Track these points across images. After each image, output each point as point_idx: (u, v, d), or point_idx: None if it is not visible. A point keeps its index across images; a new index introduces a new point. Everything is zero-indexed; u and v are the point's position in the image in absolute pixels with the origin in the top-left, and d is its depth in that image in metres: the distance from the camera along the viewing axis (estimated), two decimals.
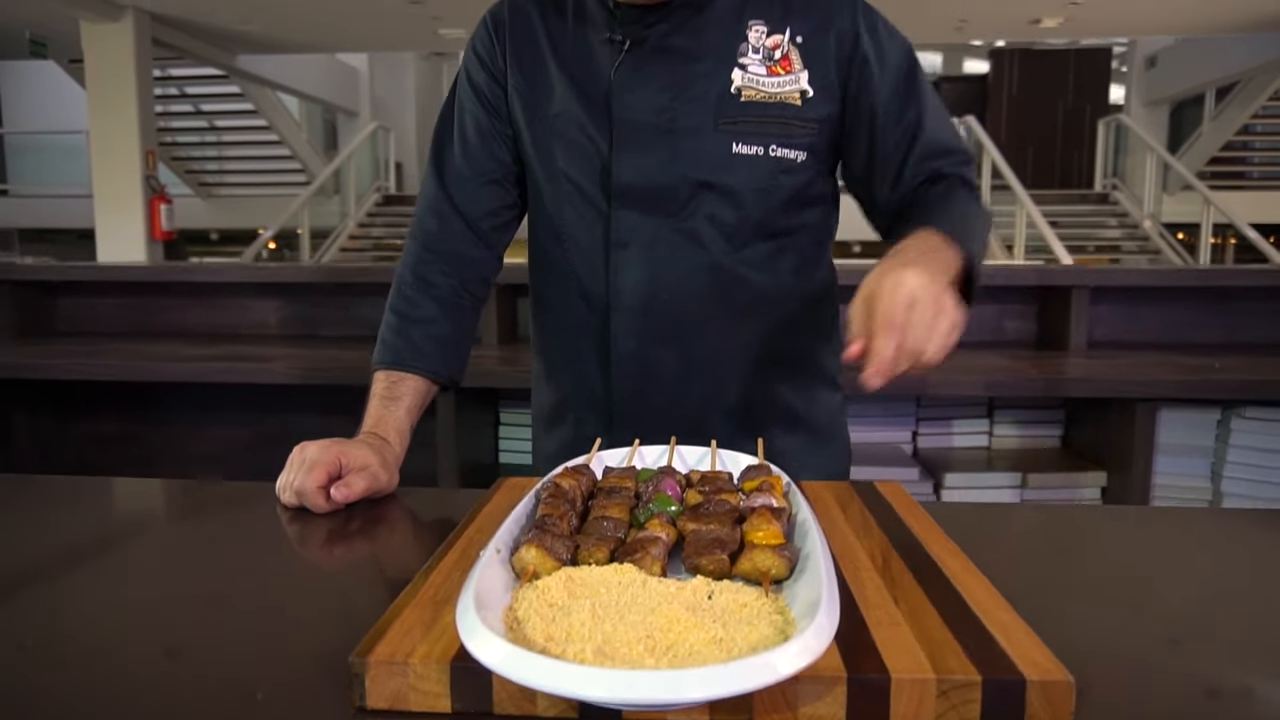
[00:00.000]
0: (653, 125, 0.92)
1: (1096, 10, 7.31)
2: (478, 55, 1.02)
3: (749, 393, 0.98)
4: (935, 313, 0.69)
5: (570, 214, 0.98)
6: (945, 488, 1.78)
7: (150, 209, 7.60)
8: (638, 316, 0.96)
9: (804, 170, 0.93)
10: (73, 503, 0.89)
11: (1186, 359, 1.81)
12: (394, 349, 0.97)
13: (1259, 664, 0.53)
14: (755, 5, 0.93)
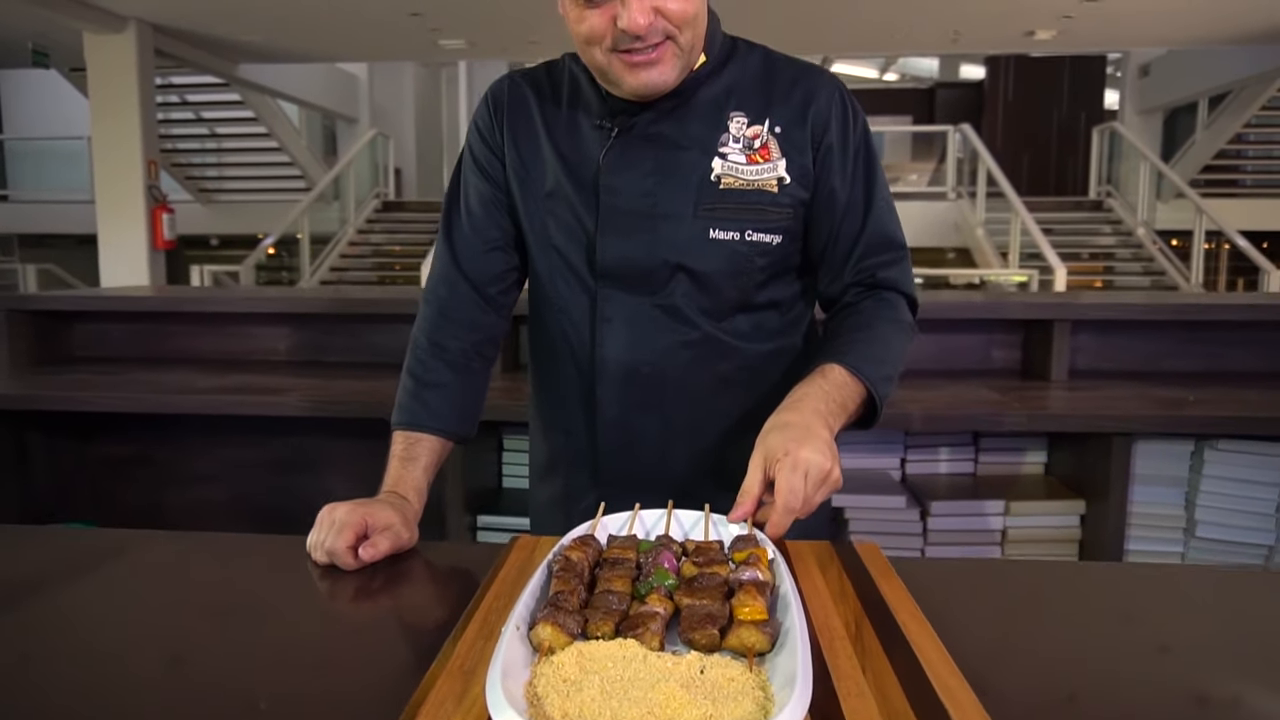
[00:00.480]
0: (635, 210, 0.99)
1: (1089, 24, 7.39)
2: (479, 131, 1.09)
3: (729, 454, 1.04)
4: (819, 483, 0.82)
5: (561, 286, 1.06)
6: (931, 515, 1.86)
7: (152, 218, 7.67)
8: (622, 386, 1.03)
9: (778, 250, 1.01)
10: (116, 554, 0.96)
11: (1162, 391, 1.89)
12: (410, 411, 1.04)
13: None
14: (738, 96, 1.00)
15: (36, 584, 0.87)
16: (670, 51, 0.93)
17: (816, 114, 1.00)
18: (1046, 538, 1.86)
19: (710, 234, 0.99)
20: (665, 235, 0.99)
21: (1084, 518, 1.84)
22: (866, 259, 1.03)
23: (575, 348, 1.06)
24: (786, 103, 1.00)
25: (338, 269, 10.23)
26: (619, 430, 1.05)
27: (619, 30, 0.89)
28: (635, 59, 0.92)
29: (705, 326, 1.02)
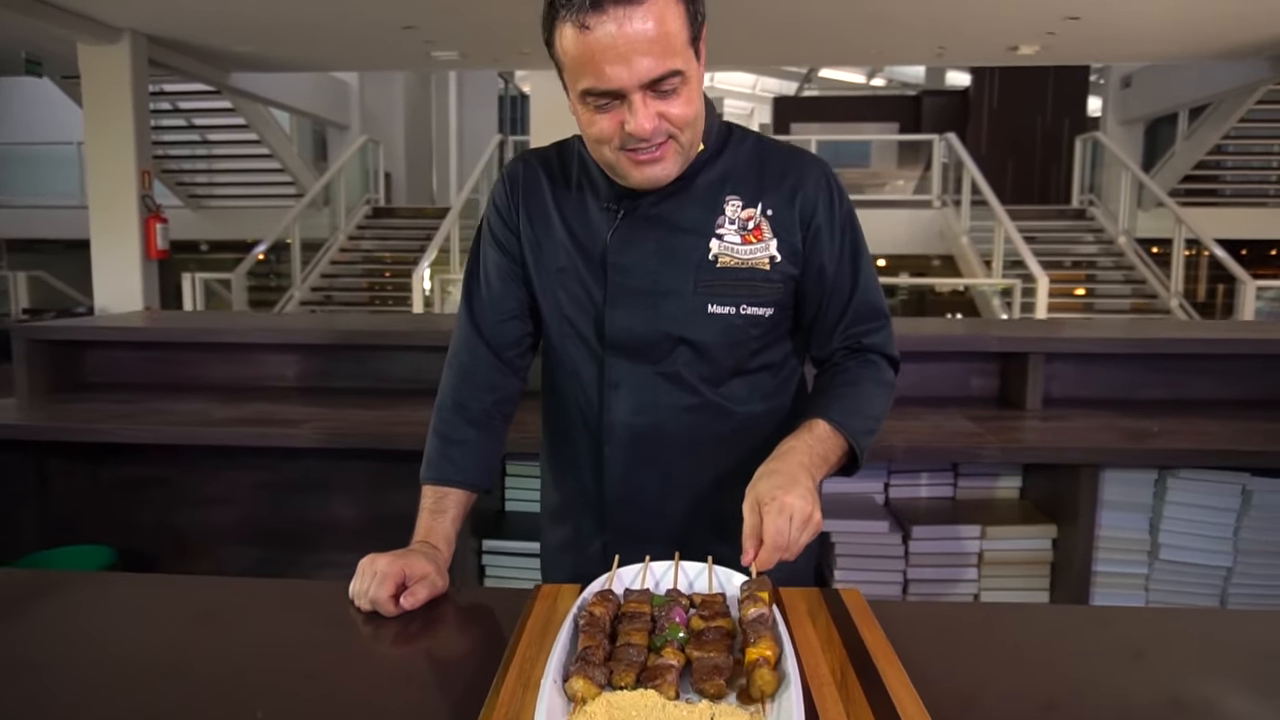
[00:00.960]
0: (640, 287, 1.09)
1: (1072, 40, 7.55)
2: (496, 208, 1.19)
3: (726, 507, 1.13)
4: (802, 527, 0.94)
5: (573, 352, 1.16)
6: (913, 539, 1.97)
7: (145, 228, 7.72)
8: (627, 445, 1.14)
9: (770, 321, 1.12)
10: (162, 599, 1.06)
11: (1129, 421, 2.01)
12: (438, 467, 1.15)
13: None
14: (733, 182, 1.10)
15: (80, 628, 0.97)
16: (672, 149, 1.03)
17: (805, 199, 1.10)
18: (1020, 559, 1.98)
19: (709, 309, 1.09)
20: (667, 310, 1.09)
21: (1055, 541, 1.96)
22: (854, 327, 1.15)
23: (585, 410, 1.16)
24: (778, 188, 1.10)
25: (328, 275, 10.29)
26: (624, 485, 1.15)
27: (626, 133, 0.99)
28: (640, 157, 1.01)
29: (704, 392, 1.12)
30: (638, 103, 0.97)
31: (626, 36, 0.94)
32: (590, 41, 0.94)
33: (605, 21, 0.93)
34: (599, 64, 0.95)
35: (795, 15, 6.98)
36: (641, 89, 0.97)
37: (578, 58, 0.96)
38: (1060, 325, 2.62)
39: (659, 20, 0.95)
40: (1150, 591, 1.95)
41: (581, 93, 0.99)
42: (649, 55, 0.95)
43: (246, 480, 2.44)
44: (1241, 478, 1.88)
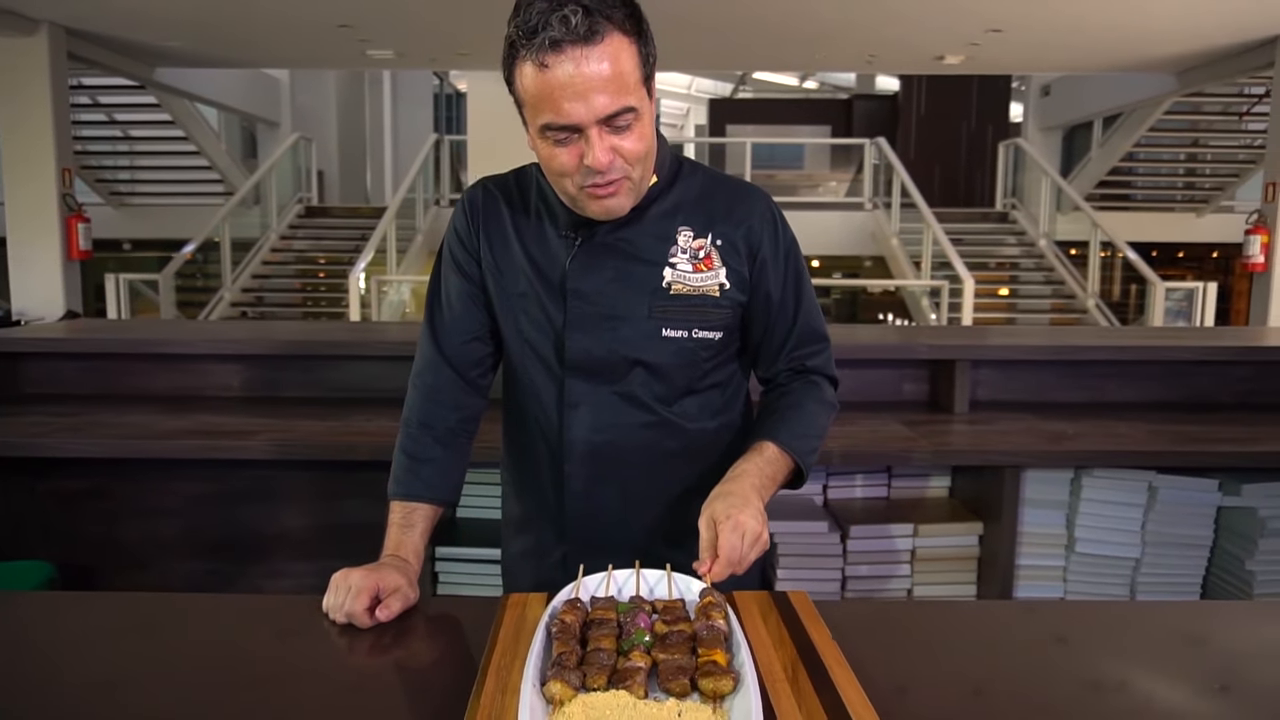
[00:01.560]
0: (598, 312, 1.15)
1: (994, 51, 7.86)
2: (457, 233, 1.24)
3: (679, 518, 1.22)
4: (752, 544, 1.03)
5: (533, 372, 1.21)
6: (850, 538, 2.07)
7: (67, 228, 7.45)
8: (586, 461, 1.20)
9: (719, 344, 1.20)
10: (135, 621, 1.08)
11: (1048, 424, 2.15)
12: (406, 484, 1.19)
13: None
14: (685, 214, 1.18)
15: (54, 652, 0.99)
16: (626, 185, 1.09)
17: (751, 231, 1.18)
18: (950, 555, 2.10)
19: (663, 332, 1.16)
20: (624, 334, 1.16)
21: (982, 538, 2.08)
22: (797, 350, 1.24)
23: (545, 428, 1.22)
24: (726, 221, 1.18)
25: (260, 276, 10.07)
26: (584, 499, 1.21)
27: (585, 166, 1.05)
28: (598, 191, 1.07)
29: (659, 410, 1.19)
30: (594, 137, 1.03)
31: (584, 75, 1.00)
32: (549, 79, 1.00)
33: (564, 61, 0.99)
34: (558, 100, 1.01)
35: (731, 22, 7.12)
36: (597, 124, 1.02)
37: (538, 95, 1.02)
38: (985, 333, 2.77)
39: (614, 60, 1.01)
40: (1068, 582, 2.09)
41: (541, 127, 1.04)
42: (604, 93, 1.01)
43: (190, 491, 2.41)
44: (1148, 475, 2.04)
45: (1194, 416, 2.25)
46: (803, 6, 6.63)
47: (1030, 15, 6.71)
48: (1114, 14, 6.57)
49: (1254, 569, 2.00)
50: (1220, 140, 10.99)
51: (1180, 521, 2.05)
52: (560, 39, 0.99)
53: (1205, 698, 0.88)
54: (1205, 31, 7.08)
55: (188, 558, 2.44)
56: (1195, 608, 1.53)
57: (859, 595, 2.10)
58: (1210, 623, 1.10)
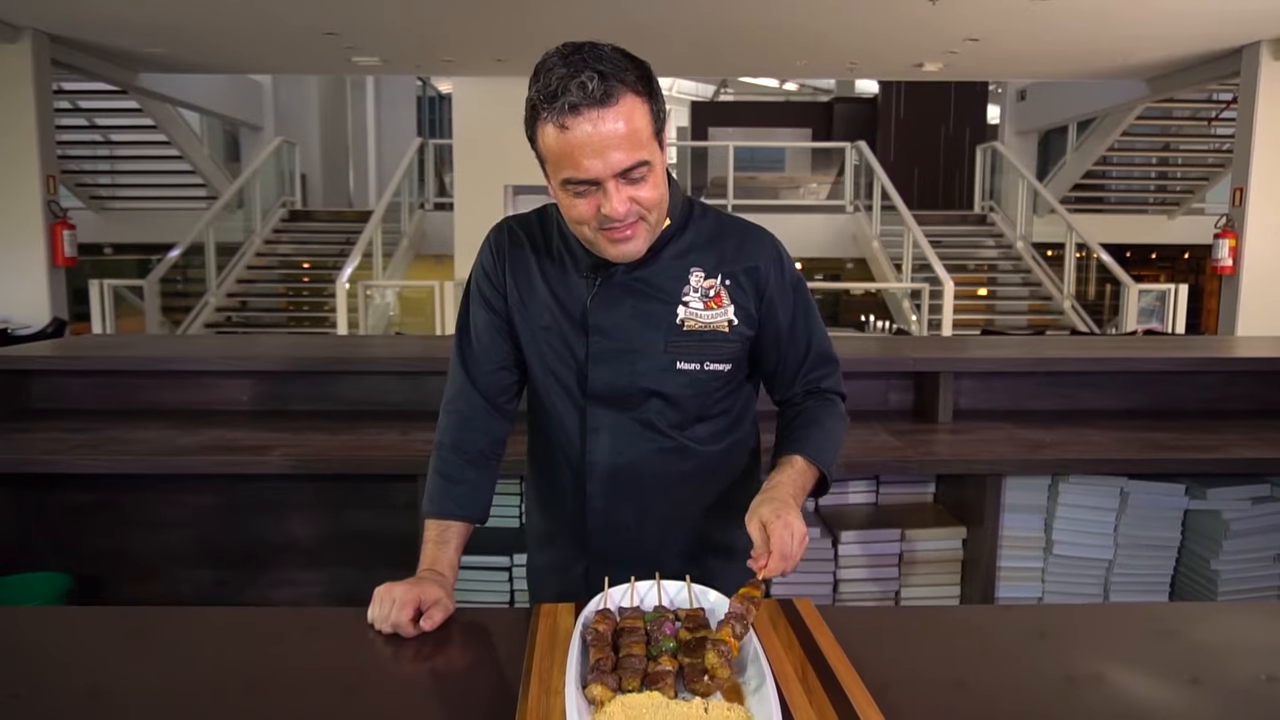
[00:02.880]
0: (618, 346, 1.24)
1: (971, 59, 8.03)
2: (484, 270, 1.33)
3: (691, 533, 1.33)
4: (800, 542, 1.13)
5: (557, 401, 1.30)
6: (841, 543, 2.18)
7: (52, 235, 7.44)
8: (607, 482, 1.29)
9: (729, 375, 1.30)
10: (182, 634, 1.17)
11: (1026, 432, 2.27)
12: (441, 504, 1.28)
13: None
14: (696, 255, 1.27)
15: (97, 665, 1.08)
16: (642, 228, 1.18)
17: (757, 271, 1.28)
18: (935, 559, 2.21)
19: (677, 365, 1.25)
20: (642, 367, 1.25)
21: (965, 541, 2.20)
22: (812, 373, 1.35)
23: (568, 451, 1.31)
24: (735, 262, 1.28)
25: (245, 281, 10.07)
26: (605, 516, 1.31)
27: (602, 215, 1.13)
28: (615, 235, 1.16)
29: (673, 435, 1.29)
30: (611, 189, 1.12)
31: (601, 135, 1.09)
32: (569, 139, 1.09)
33: (582, 123, 1.08)
34: (577, 158, 1.10)
35: (714, 30, 7.23)
36: (614, 177, 1.12)
37: (558, 152, 1.11)
38: (967, 345, 2.89)
39: (628, 119, 1.10)
40: (1046, 583, 2.21)
41: (562, 181, 1.13)
42: (620, 150, 1.10)
43: (198, 502, 2.48)
44: (1120, 481, 2.16)
45: (1163, 423, 2.38)
46: (784, 17, 6.76)
47: (1007, 25, 6.87)
48: (1087, 24, 6.75)
49: (1219, 569, 2.13)
50: (1190, 144, 11.26)
51: (1150, 524, 2.18)
52: (579, 103, 1.08)
53: (1177, 689, 0.99)
54: (1175, 40, 7.27)
55: (197, 567, 2.51)
56: (1165, 609, 1.65)
57: (850, 597, 2.21)
58: (1179, 621, 1.21)
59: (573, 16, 6.63)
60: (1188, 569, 2.21)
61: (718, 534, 1.36)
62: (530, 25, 6.66)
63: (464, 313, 1.36)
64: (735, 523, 1.35)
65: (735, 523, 1.35)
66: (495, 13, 6.46)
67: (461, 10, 6.36)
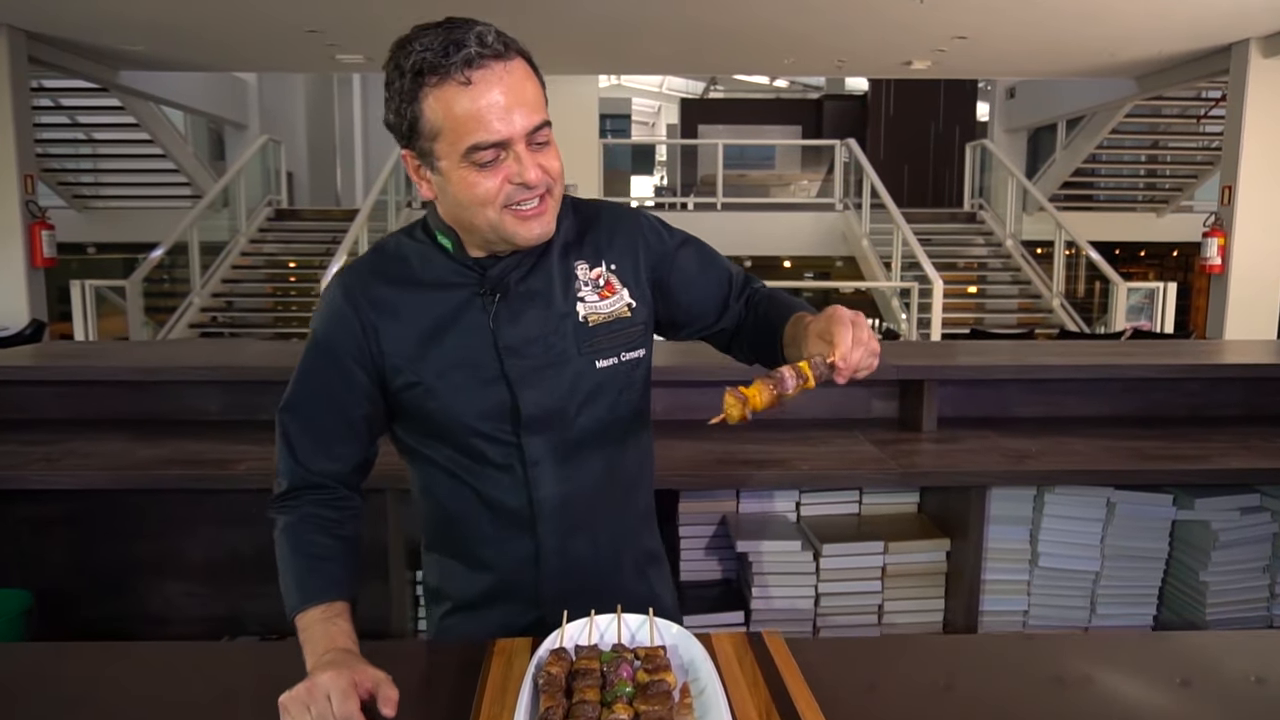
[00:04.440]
0: (535, 364, 1.13)
1: (959, 57, 7.99)
2: (338, 333, 1.12)
3: (633, 547, 1.27)
4: (870, 334, 1.03)
5: (484, 451, 1.15)
6: (823, 556, 2.13)
7: (30, 235, 7.34)
8: (558, 518, 1.17)
9: (645, 362, 1.23)
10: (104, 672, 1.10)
11: (1012, 441, 2.22)
12: (315, 590, 1.08)
13: None
14: (575, 249, 1.19)
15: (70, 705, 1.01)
16: (549, 204, 1.09)
17: (635, 247, 1.21)
18: (919, 571, 2.16)
19: (597, 365, 1.17)
20: (566, 376, 1.15)
21: (949, 554, 2.15)
22: (744, 291, 1.29)
23: (505, 502, 1.16)
24: (611, 246, 1.20)
25: (230, 280, 9.97)
26: (559, 556, 1.18)
27: (512, 186, 1.04)
28: (525, 212, 1.06)
29: (610, 439, 1.20)
30: (523, 152, 1.03)
31: (507, 86, 1.01)
32: (474, 95, 1.00)
33: (487, 76, 1.00)
34: (485, 117, 1.00)
35: (701, 28, 7.17)
36: (524, 137, 1.03)
37: (462, 115, 1.01)
38: (952, 352, 2.84)
39: (526, 74, 1.05)
40: (1031, 596, 2.17)
41: (467, 150, 1.02)
42: (525, 105, 1.02)
43: (166, 514, 2.42)
44: (1106, 491, 2.11)
45: (1149, 431, 2.33)
46: (772, 15, 6.70)
47: (995, 23, 6.83)
48: (1076, 22, 6.72)
49: (1207, 580, 2.08)
50: (1179, 142, 11.25)
51: (1137, 535, 2.13)
52: (482, 53, 1.00)
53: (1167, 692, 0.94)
54: (1164, 38, 7.25)
55: (166, 580, 2.44)
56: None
57: (832, 610, 2.16)
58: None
59: (555, 15, 6.57)
60: (1176, 580, 2.17)
61: (649, 541, 1.31)
62: (516, 23, 6.56)
63: (305, 388, 1.15)
64: (655, 522, 1.35)
65: (655, 522, 1.35)
66: (479, 11, 6.37)
67: (444, 8, 6.28)
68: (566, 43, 7.64)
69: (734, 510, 2.28)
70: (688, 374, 2.40)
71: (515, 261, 1.14)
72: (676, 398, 2.49)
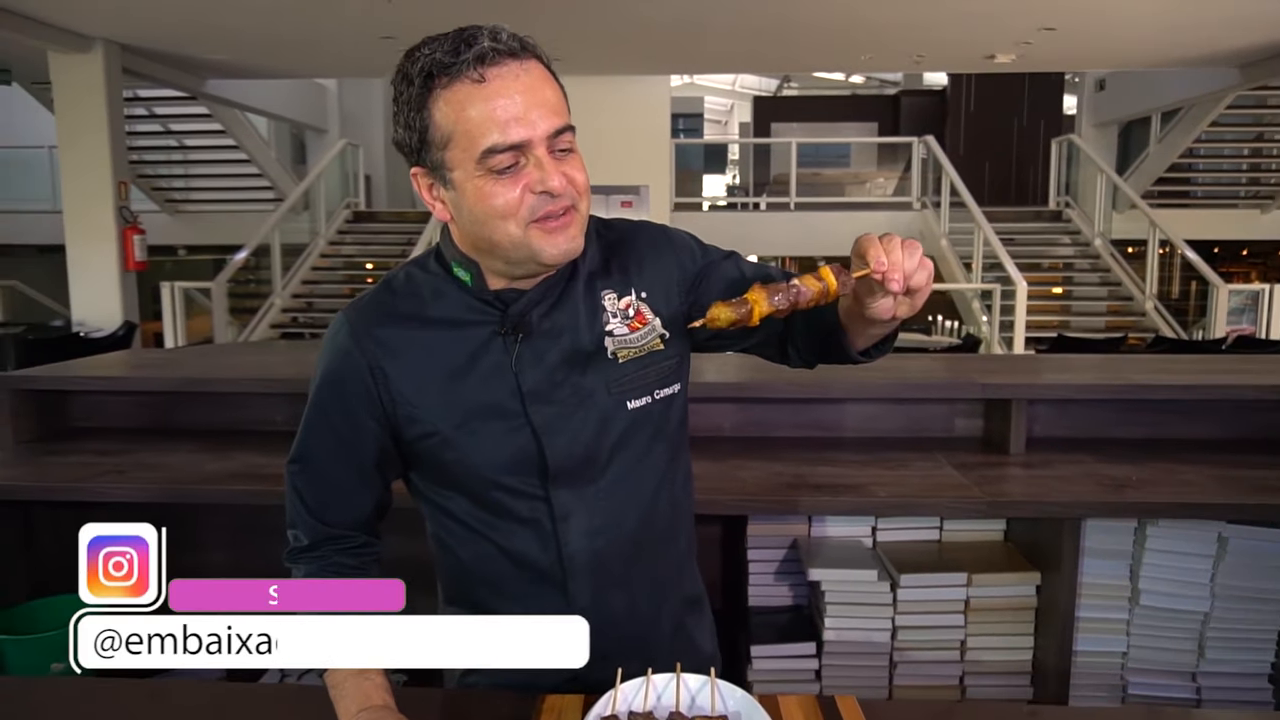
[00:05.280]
0: (563, 409, 1.03)
1: (1047, 49, 7.64)
2: (344, 380, 1.05)
3: (672, 597, 1.16)
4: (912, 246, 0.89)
5: (502, 502, 1.05)
6: (901, 586, 2.00)
7: (123, 240, 7.64)
8: (590, 574, 1.07)
9: (680, 398, 1.12)
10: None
11: (1109, 467, 2.05)
12: None
13: None
14: (601, 278, 1.08)
15: None
16: (575, 219, 0.98)
17: (666, 272, 1.09)
18: (1006, 605, 2.02)
19: (628, 405, 1.06)
20: (593, 420, 1.04)
21: (1039, 587, 2.00)
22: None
23: (536, 556, 1.08)
24: (641, 271, 1.09)
25: (309, 282, 10.23)
26: (592, 615, 1.03)
27: (534, 196, 0.94)
28: (551, 224, 0.96)
29: (644, 486, 1.10)
30: (544, 157, 0.94)
31: (524, 85, 0.93)
32: (488, 93, 0.92)
33: (502, 73, 0.92)
34: (501, 118, 0.92)
35: (780, 23, 7.02)
36: (545, 141, 0.94)
37: (476, 117, 0.92)
38: (1041, 366, 2.66)
39: (544, 76, 0.96)
40: (1131, 636, 2.00)
41: (483, 154, 0.93)
42: (545, 106, 0.94)
43: (236, 524, 2.43)
44: (1217, 525, 1.93)
45: (1265, 459, 2.13)
46: (850, 10, 6.51)
47: (1085, 12, 6.50)
48: (1174, 9, 6.33)
49: None
50: None
51: (1253, 574, 1.94)
52: (496, 49, 0.92)
53: None
54: (1271, 24, 6.79)
55: None
56: None
57: (910, 645, 2.03)
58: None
59: (630, 14, 6.50)
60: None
61: (688, 585, 1.20)
62: (590, 23, 6.56)
63: (309, 437, 1.08)
64: (694, 563, 1.23)
65: (694, 563, 1.23)
66: (548, 12, 6.37)
67: (511, 12, 6.29)
68: (639, 43, 7.58)
69: (805, 534, 2.17)
70: (757, 390, 2.30)
71: (539, 295, 1.04)
72: (746, 414, 2.39)
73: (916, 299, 0.92)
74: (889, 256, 0.88)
